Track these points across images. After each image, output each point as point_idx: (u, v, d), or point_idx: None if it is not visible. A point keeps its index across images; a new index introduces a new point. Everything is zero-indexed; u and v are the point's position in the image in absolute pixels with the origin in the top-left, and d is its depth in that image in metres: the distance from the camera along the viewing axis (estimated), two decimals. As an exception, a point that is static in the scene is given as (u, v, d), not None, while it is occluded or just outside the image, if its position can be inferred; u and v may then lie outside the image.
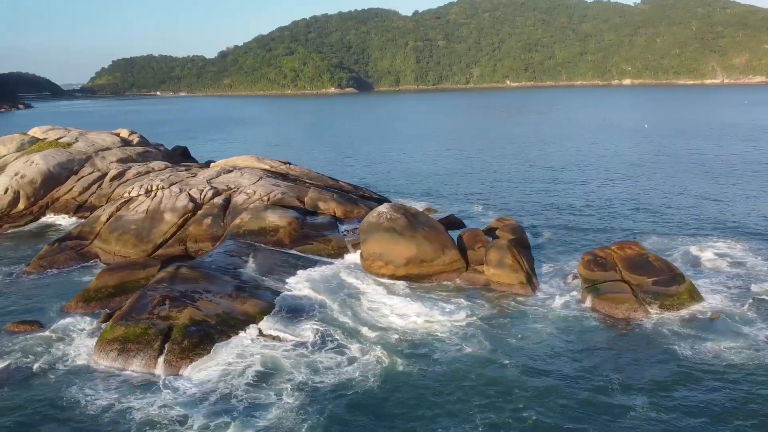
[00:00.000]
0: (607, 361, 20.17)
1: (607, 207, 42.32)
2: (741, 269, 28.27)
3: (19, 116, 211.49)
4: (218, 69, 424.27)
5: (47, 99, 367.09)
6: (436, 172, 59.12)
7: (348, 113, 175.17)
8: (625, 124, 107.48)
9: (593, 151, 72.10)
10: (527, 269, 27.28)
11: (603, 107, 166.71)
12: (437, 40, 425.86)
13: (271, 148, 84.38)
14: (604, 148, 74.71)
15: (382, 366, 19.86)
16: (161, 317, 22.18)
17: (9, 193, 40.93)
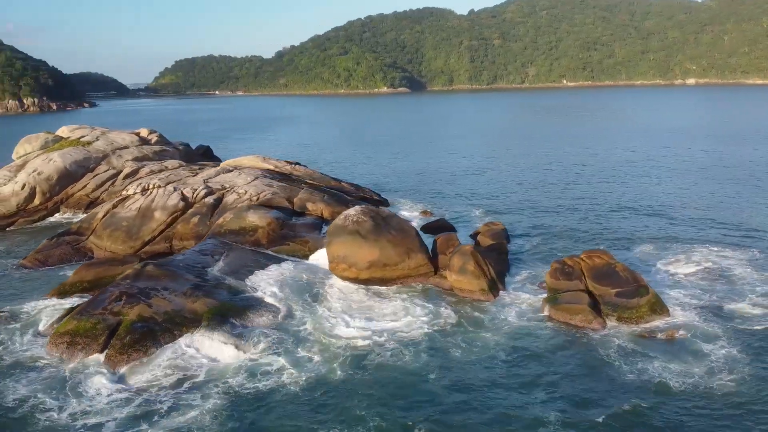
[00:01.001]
0: (541, 372, 19.61)
1: (619, 213, 40.74)
2: (724, 283, 26.78)
3: (83, 114, 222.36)
4: (275, 69, 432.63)
5: (113, 98, 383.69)
6: (458, 174, 58.34)
7: (394, 113, 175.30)
8: (687, 127, 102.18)
9: (635, 155, 69.12)
10: (491, 276, 26.74)
11: (665, 108, 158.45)
12: (492, 39, 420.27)
13: (301, 147, 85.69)
14: (652, 152, 70.88)
15: (318, 371, 19.87)
16: (113, 313, 23.00)
17: (26, 189, 43.18)
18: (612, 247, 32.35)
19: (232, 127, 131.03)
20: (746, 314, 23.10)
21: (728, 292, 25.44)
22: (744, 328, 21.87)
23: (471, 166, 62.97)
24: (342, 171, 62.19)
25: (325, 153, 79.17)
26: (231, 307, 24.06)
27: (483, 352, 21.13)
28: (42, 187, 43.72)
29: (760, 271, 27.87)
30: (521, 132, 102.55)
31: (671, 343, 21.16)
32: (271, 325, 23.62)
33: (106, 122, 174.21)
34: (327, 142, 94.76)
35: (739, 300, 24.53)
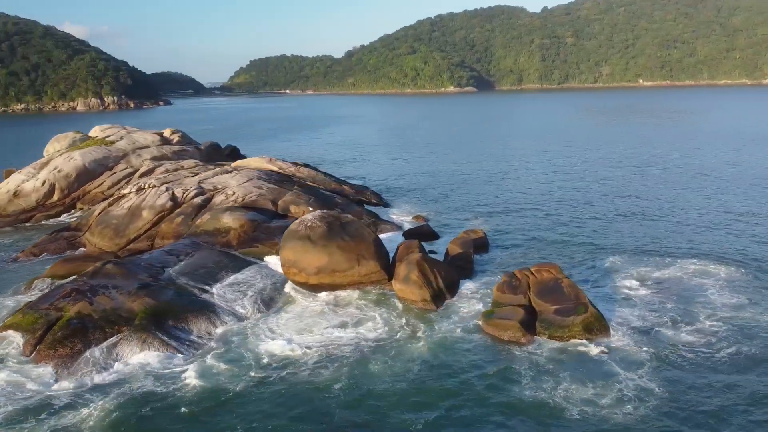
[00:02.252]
0: (445, 388, 18.94)
1: (636, 224, 38.84)
2: (683, 305, 24.91)
3: (156, 111, 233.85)
4: (344, 68, 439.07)
5: (189, 96, 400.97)
6: (483, 179, 56.93)
7: (450, 113, 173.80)
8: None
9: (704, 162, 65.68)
10: (438, 286, 26.16)
11: (756, 110, 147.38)
12: (565, 37, 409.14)
13: (337, 147, 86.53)
14: (727, 159, 66.90)
15: (225, 381, 19.76)
16: (57, 309, 24.08)
17: (45, 186, 45.90)
18: (594, 259, 31.07)
19: (285, 126, 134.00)
20: (684, 343, 21.41)
21: (681, 316, 23.70)
22: (674, 359, 20.29)
23: (502, 172, 61.14)
24: (365, 172, 62.64)
25: (359, 153, 79.60)
26: (170, 308, 24.61)
27: (400, 364, 20.61)
28: (60, 184, 46.34)
29: (727, 295, 25.83)
30: (579, 135, 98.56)
31: (590, 366, 19.95)
32: (207, 329, 24.01)
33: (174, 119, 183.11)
34: (366, 142, 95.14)
35: (686, 326, 22.80)
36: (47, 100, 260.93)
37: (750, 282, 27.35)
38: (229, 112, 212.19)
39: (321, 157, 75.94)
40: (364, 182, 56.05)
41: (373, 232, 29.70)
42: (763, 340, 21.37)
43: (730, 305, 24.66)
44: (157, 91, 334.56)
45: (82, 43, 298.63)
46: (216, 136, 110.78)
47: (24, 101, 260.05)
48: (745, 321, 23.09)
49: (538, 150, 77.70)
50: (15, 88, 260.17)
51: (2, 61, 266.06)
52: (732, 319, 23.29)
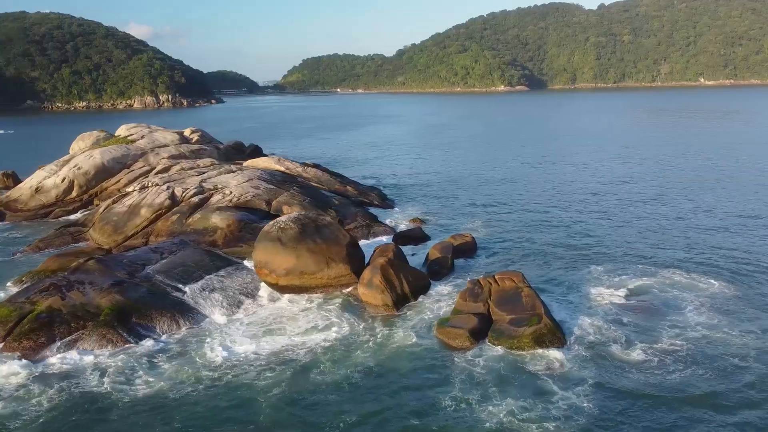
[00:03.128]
0: (376, 395, 18.77)
1: (630, 230, 37.58)
2: (652, 320, 23.89)
3: (207, 109, 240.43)
4: (394, 67, 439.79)
5: (242, 95, 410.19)
6: (497, 181, 56.23)
7: (495, 112, 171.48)
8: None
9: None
10: (403, 291, 25.99)
11: None
12: (622, 34, 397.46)
13: (363, 147, 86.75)
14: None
15: (169, 384, 19.94)
16: (31, 302, 25.15)
17: (65, 182, 47.96)
18: (581, 267, 30.25)
19: (322, 125, 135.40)
20: (636, 363, 20.40)
21: (644, 333, 22.69)
22: (617, 379, 19.39)
23: (523, 175, 59.92)
24: (383, 172, 62.63)
25: (385, 152, 79.64)
26: (137, 306, 25.24)
27: (342, 370, 20.42)
28: (79, 181, 48.31)
29: (705, 313, 24.55)
30: (624, 137, 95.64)
31: (528, 380, 19.36)
32: (170, 327, 24.54)
33: (220, 117, 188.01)
34: (396, 141, 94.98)
35: (645, 344, 21.75)
36: (107, 98, 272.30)
37: (735, 300, 25.84)
38: (274, 111, 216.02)
39: (344, 157, 76.49)
40: (378, 182, 56.15)
41: (348, 235, 29.68)
42: (724, 367, 19.94)
43: (703, 324, 23.39)
44: (211, 89, 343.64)
45: (140, 43, 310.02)
46: (252, 134, 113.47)
47: (86, 99, 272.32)
48: (713, 344, 21.72)
49: (569, 152, 75.85)
50: (78, 87, 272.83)
51: (66, 60, 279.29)
52: (699, 340, 22.07)
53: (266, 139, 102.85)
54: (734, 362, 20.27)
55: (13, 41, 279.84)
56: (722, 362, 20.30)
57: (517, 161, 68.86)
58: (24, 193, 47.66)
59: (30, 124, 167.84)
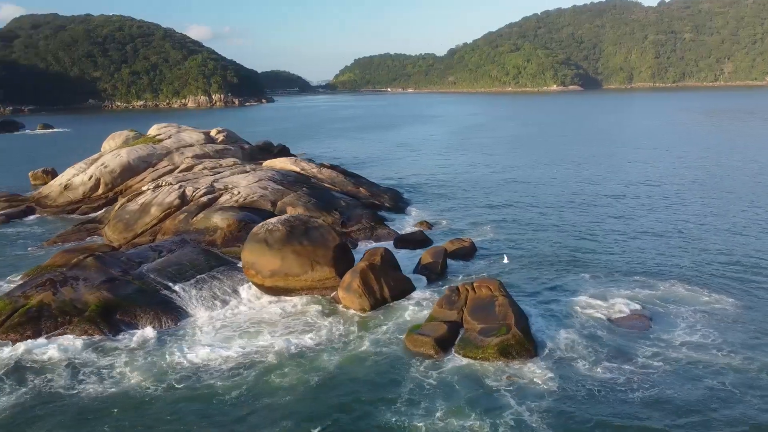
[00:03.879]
0: (335, 401, 18.64)
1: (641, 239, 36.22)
2: (638, 335, 22.93)
3: (256, 109, 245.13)
4: (445, 66, 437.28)
5: (294, 94, 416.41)
6: (520, 185, 55.09)
7: (541, 112, 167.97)
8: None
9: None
10: (382, 295, 25.82)
11: None
12: (683, 32, 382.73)
13: (395, 147, 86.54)
14: None
15: (138, 379, 20.39)
16: (26, 296, 26.25)
17: (92, 180, 49.84)
18: (575, 275, 29.27)
19: (361, 125, 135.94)
20: (602, 380, 19.49)
21: (619, 348, 21.74)
22: (579, 397, 18.59)
23: (548, 178, 58.58)
24: (405, 173, 62.21)
25: (413, 153, 79.26)
26: (123, 303, 25.95)
27: (305, 375, 20.25)
28: (105, 179, 50.11)
29: (698, 330, 23.31)
30: (670, 140, 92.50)
31: (485, 393, 18.78)
32: (152, 325, 25.03)
33: (266, 115, 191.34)
34: (429, 142, 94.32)
35: (616, 361, 20.80)
36: (163, 98, 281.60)
37: (737, 319, 24.32)
38: (320, 110, 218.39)
39: (373, 157, 76.61)
40: (400, 183, 55.95)
41: (338, 238, 29.65)
42: (694, 397, 18.66)
43: (690, 344, 22.15)
44: (263, 88, 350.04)
45: (196, 44, 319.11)
46: (289, 133, 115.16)
47: (143, 98, 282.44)
48: (693, 366, 20.41)
49: (604, 155, 73.57)
50: (136, 86, 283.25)
51: (126, 61, 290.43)
52: (679, 361, 20.83)
53: (302, 139, 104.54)
54: (707, 391, 18.87)
55: (78, 42, 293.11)
56: (694, 390, 18.96)
57: (547, 164, 67.25)
58: (54, 189, 49.80)
59: (87, 122, 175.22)
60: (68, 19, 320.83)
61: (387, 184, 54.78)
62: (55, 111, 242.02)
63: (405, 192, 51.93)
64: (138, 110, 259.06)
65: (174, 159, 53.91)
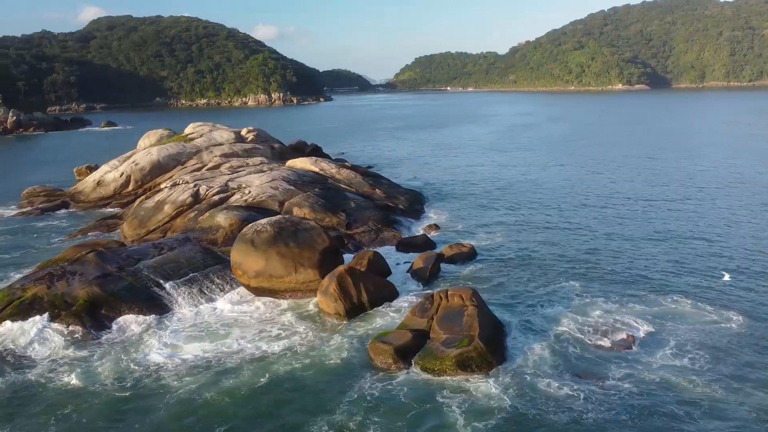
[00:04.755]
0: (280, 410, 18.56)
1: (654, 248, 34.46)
2: (614, 354, 21.71)
3: (313, 107, 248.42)
4: (506, 65, 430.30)
5: (354, 93, 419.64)
6: (547, 188, 53.53)
7: (598, 113, 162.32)
8: None
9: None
10: (360, 300, 25.50)
11: None
12: (762, 28, 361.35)
13: (432, 148, 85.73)
14: None
15: (100, 377, 20.77)
16: (23, 289, 27.46)
17: (123, 177, 51.74)
18: (569, 285, 28.10)
19: (408, 124, 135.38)
20: (558, 400, 18.53)
21: (592, 368, 20.60)
22: (529, 418, 17.73)
23: (578, 183, 56.69)
24: (432, 174, 61.49)
25: (449, 154, 78.19)
26: (111, 299, 26.71)
27: (258, 381, 20.01)
28: (135, 176, 51.91)
29: (688, 351, 21.83)
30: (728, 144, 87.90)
31: (430, 410, 18.16)
32: (134, 322, 25.67)
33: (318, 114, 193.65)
34: (469, 142, 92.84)
35: (580, 381, 19.68)
36: (225, 96, 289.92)
37: (733, 342, 22.52)
38: (373, 109, 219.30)
39: (406, 157, 76.21)
40: (424, 185, 55.36)
41: (328, 240, 29.52)
42: (656, 420, 17.51)
43: (671, 367, 20.67)
44: (322, 87, 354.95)
45: (258, 44, 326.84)
46: (335, 132, 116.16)
47: (206, 96, 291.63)
48: (665, 391, 19.03)
49: (649, 160, 70.39)
50: (200, 85, 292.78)
51: (191, 60, 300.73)
52: (652, 384, 19.39)
53: (345, 138, 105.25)
54: (668, 421, 17.52)
55: (147, 43, 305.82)
56: (654, 419, 17.66)
57: (584, 168, 64.84)
58: (88, 185, 52.00)
59: (150, 120, 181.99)
60: (140, 21, 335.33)
61: (413, 185, 54.35)
62: (124, 109, 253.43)
63: (429, 194, 51.32)
64: (201, 108, 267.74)
65: (203, 157, 55.22)
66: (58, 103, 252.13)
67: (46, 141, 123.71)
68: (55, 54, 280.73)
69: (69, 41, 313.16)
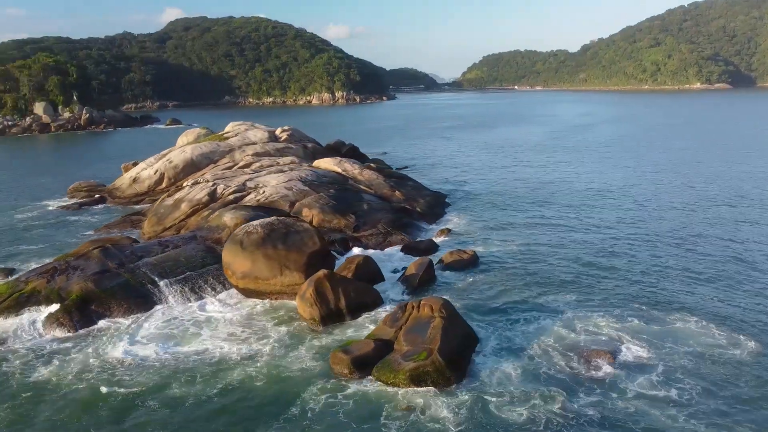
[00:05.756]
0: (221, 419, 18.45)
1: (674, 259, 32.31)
2: (588, 377, 20.27)
3: (374, 106, 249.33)
4: (576, 63, 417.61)
5: (419, 92, 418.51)
6: (580, 196, 51.50)
7: (665, 114, 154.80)
8: None
9: None
10: (336, 307, 25.02)
11: None
12: None
13: (475, 149, 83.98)
14: None
15: (69, 374, 21.08)
16: (25, 282, 28.65)
17: (157, 174, 53.37)
18: (563, 300, 26.60)
19: (460, 125, 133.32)
20: (515, 425, 17.48)
21: (560, 391, 19.18)
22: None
23: (615, 190, 54.23)
24: (468, 176, 60.22)
25: (489, 155, 76.30)
26: (102, 295, 27.36)
27: (208, 387, 19.80)
28: (169, 174, 53.43)
29: (678, 381, 20.09)
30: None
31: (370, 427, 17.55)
32: (119, 318, 26.23)
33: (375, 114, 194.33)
34: (515, 144, 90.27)
35: (546, 407, 18.38)
36: (290, 95, 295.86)
37: (735, 373, 20.43)
38: (432, 108, 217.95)
39: (443, 159, 75.03)
40: (453, 187, 54.14)
41: (319, 243, 29.21)
42: None
43: (648, 397, 18.81)
44: (386, 86, 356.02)
45: (324, 43, 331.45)
46: (386, 131, 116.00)
47: (272, 95, 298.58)
48: (629, 425, 17.52)
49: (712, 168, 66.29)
50: (266, 84, 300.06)
51: (259, 60, 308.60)
52: (618, 414, 17.83)
53: (391, 137, 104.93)
54: None
55: (218, 43, 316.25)
56: None
57: (631, 174, 61.65)
58: (125, 182, 53.98)
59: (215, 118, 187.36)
60: (214, 21, 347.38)
61: (442, 187, 53.35)
62: (195, 107, 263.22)
63: (455, 196, 50.21)
64: (266, 106, 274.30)
65: (235, 156, 56.22)
66: (134, 101, 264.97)
67: (112, 137, 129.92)
68: (133, 54, 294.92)
69: (147, 42, 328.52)
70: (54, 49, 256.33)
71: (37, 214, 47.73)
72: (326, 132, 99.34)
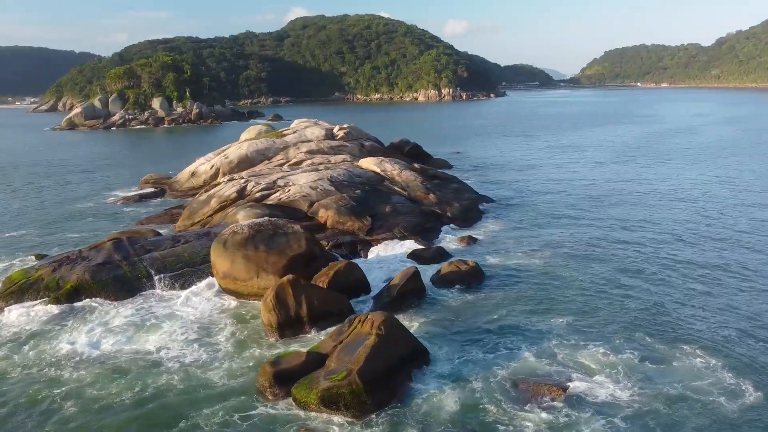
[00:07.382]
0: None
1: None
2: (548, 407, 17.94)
3: (479, 104, 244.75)
4: (709, 58, 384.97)
5: (532, 89, 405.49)
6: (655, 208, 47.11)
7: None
8: None
9: None
10: (296, 315, 24.11)
11: None
12: None
13: (550, 150, 79.44)
14: None
15: (21, 365, 21.66)
16: (36, 269, 30.42)
17: (212, 169, 55.18)
18: (558, 324, 24.07)
19: (554, 125, 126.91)
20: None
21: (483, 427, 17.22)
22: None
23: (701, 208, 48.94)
24: (525, 180, 57.04)
25: (561, 157, 71.72)
26: (94, 286, 28.33)
27: (128, 388, 19.61)
28: (224, 169, 55.03)
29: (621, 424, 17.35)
30: None
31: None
32: (104, 310, 27.09)
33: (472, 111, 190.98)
34: (602, 147, 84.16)
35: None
36: (397, 91, 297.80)
37: (728, 425, 17.52)
38: (537, 106, 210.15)
39: (515, 160, 71.71)
40: (501, 192, 51.29)
41: (305, 247, 28.48)
42: None
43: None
44: (497, 83, 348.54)
45: (434, 39, 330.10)
46: (471, 130, 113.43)
47: (380, 91, 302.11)
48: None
49: None
50: (375, 81, 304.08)
51: (369, 57, 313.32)
52: None
53: (473, 136, 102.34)
54: None
55: (331, 40, 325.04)
56: None
57: (722, 186, 55.33)
58: (184, 176, 56.38)
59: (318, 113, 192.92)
60: (329, 20, 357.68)
61: (496, 193, 50.74)
62: (305, 102, 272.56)
63: (502, 202, 47.46)
64: (373, 103, 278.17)
65: (288, 153, 56.88)
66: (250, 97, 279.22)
67: (213, 130, 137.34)
68: (252, 52, 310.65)
69: (267, 40, 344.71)
70: (182, 48, 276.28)
71: (99, 203, 50.93)
72: (413, 130, 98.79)
